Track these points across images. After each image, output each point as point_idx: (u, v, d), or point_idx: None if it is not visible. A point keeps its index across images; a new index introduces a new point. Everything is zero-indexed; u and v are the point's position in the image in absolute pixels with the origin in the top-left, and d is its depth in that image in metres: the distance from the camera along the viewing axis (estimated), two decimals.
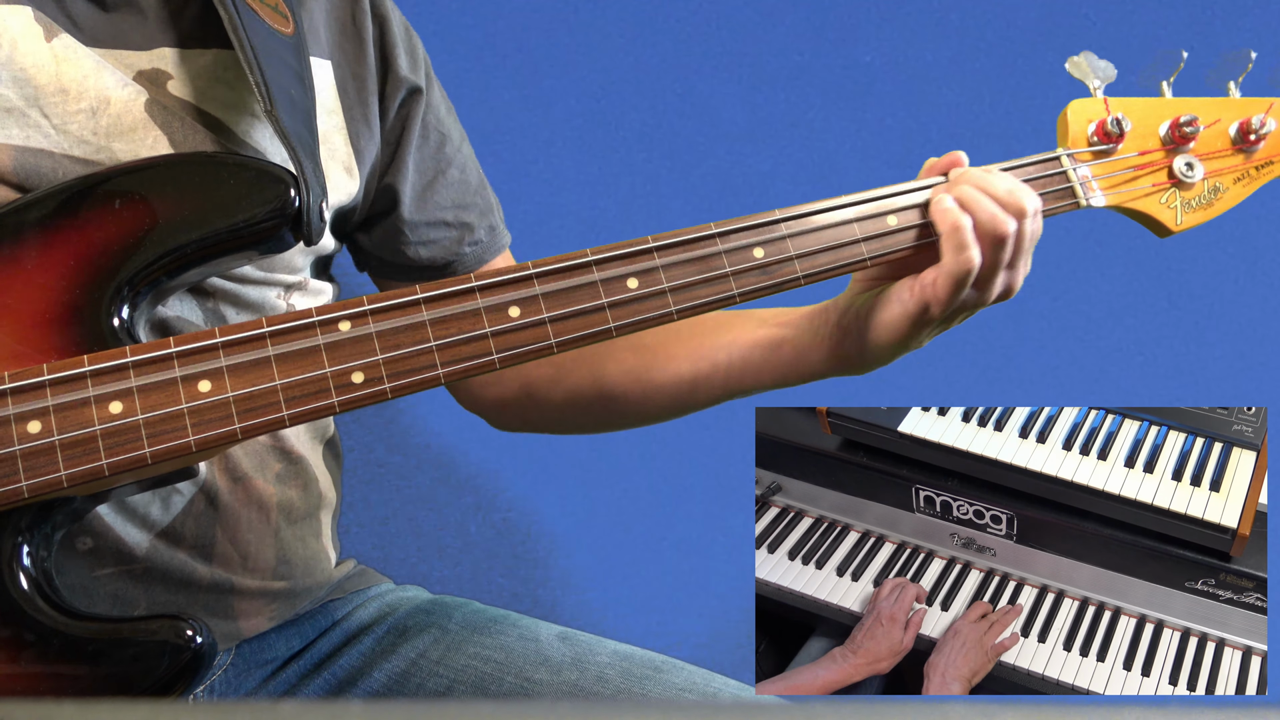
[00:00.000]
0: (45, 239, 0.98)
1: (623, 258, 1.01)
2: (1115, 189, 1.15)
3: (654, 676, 1.16)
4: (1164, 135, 1.17)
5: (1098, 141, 1.15)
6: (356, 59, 1.22)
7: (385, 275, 1.30)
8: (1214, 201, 1.18)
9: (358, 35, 1.23)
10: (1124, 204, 1.15)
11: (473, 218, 1.31)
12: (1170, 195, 1.16)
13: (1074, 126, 1.15)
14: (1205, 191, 1.17)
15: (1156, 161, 1.16)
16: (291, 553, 1.17)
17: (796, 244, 1.04)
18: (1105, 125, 1.14)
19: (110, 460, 0.91)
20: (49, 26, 1.05)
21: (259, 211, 0.99)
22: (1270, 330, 1.88)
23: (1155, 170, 1.16)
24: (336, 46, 1.21)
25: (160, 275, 0.99)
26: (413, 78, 1.26)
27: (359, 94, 1.22)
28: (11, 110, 1.02)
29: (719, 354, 1.19)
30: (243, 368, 0.94)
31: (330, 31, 1.21)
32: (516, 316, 0.98)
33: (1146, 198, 1.16)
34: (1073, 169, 1.13)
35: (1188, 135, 1.16)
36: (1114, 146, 1.15)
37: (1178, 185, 1.17)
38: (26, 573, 0.94)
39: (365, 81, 1.23)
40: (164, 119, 1.06)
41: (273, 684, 1.20)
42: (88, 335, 0.96)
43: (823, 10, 1.86)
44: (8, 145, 1.02)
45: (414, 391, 0.96)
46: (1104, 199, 1.14)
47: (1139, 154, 1.16)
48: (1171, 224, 1.16)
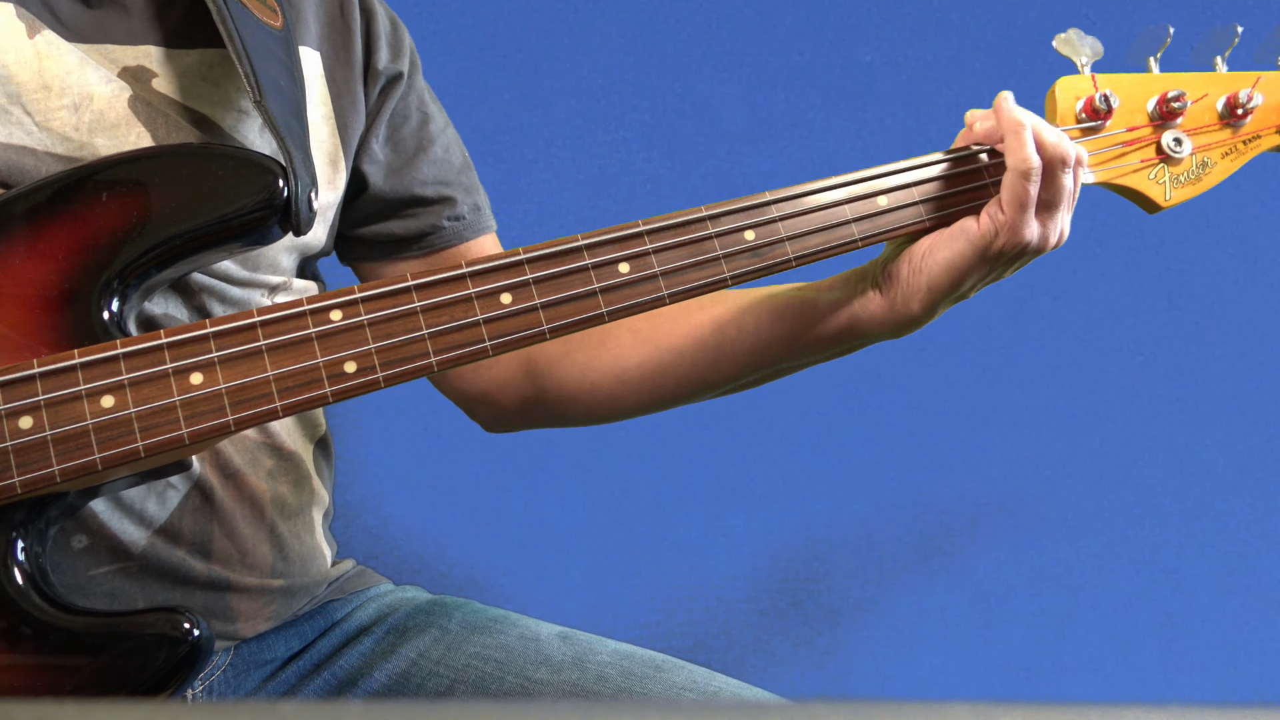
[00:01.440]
0: (33, 233, 0.97)
1: (614, 242, 1.01)
2: (1104, 165, 1.14)
3: (654, 675, 1.16)
4: (1152, 111, 1.16)
5: (1086, 118, 1.14)
6: (344, 50, 1.22)
7: (369, 259, 1.30)
8: (1202, 176, 1.17)
9: (346, 28, 1.23)
10: (1112, 180, 1.15)
11: (456, 194, 1.30)
12: (1159, 171, 1.16)
13: (1062, 103, 1.15)
14: (1194, 166, 1.17)
15: (1144, 137, 1.16)
16: (288, 548, 1.17)
17: (787, 225, 1.04)
18: (1093, 102, 1.14)
19: (103, 455, 0.91)
20: (31, 23, 1.05)
21: (247, 202, 0.99)
22: (1270, 330, 1.88)
23: (1143, 146, 1.16)
24: (325, 38, 1.21)
25: (150, 268, 0.98)
26: (394, 66, 1.26)
27: (348, 84, 1.22)
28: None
29: (743, 316, 1.18)
30: (235, 359, 0.94)
31: (319, 23, 1.21)
32: (509, 303, 0.98)
33: (1135, 174, 1.15)
34: None
35: (1175, 110, 1.15)
36: (1102, 123, 1.14)
37: (1166, 161, 1.16)
38: (21, 568, 0.93)
39: (353, 72, 1.23)
40: (148, 115, 1.06)
41: (272, 684, 1.19)
42: (78, 329, 0.95)
43: (823, 10, 1.86)
44: None
45: (407, 380, 0.96)
46: (1092, 176, 1.14)
47: (1127, 130, 1.15)
48: (1160, 199, 1.16)
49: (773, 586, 1.81)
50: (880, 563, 1.81)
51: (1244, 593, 1.82)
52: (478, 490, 1.77)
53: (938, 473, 1.83)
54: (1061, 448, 1.84)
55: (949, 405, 1.83)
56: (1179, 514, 1.83)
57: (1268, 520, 1.83)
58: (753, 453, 1.81)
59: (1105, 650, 1.82)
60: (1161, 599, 1.82)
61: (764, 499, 1.81)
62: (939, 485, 1.83)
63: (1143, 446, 1.84)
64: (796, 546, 1.81)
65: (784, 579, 1.81)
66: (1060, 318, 1.86)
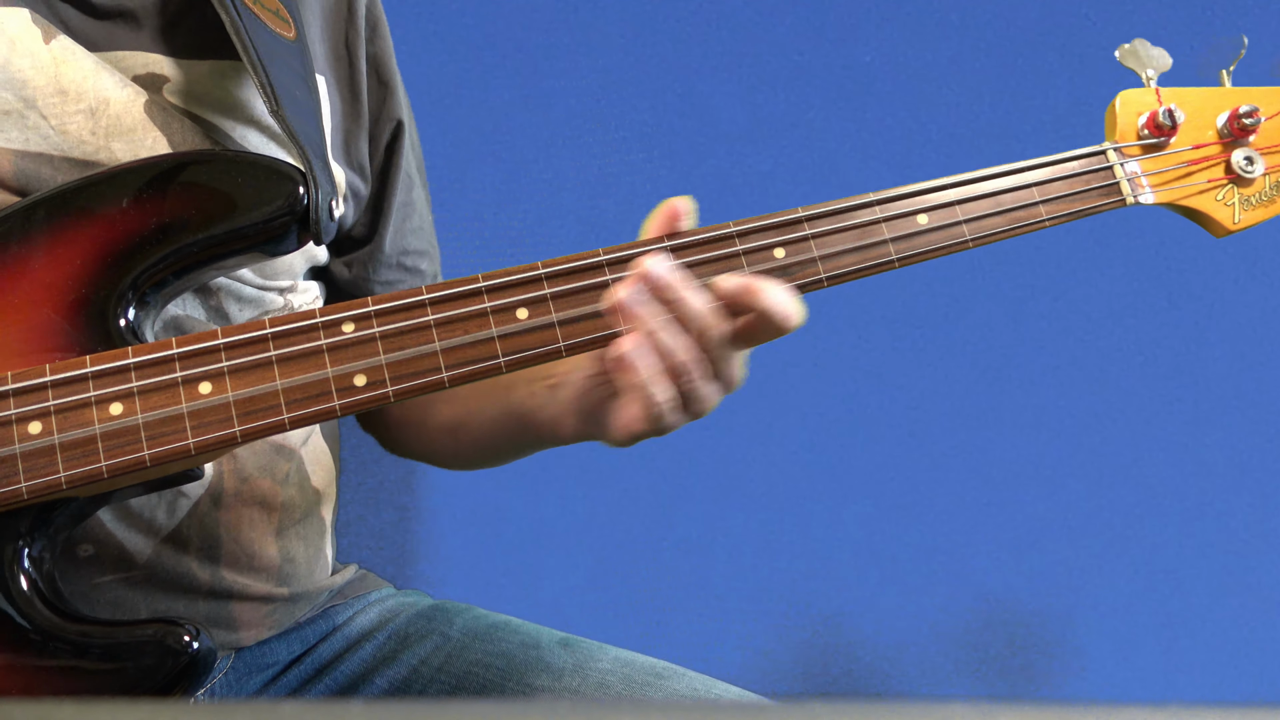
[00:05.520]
0: (52, 239, 0.97)
1: (635, 258, 0.97)
2: (1167, 185, 1.09)
3: (655, 683, 1.16)
4: (1221, 127, 1.10)
5: (1148, 135, 1.09)
6: (350, 80, 1.23)
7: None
8: (1276, 198, 1.11)
9: (349, 57, 1.23)
10: (1176, 201, 1.09)
11: (425, 264, 1.34)
12: (1227, 192, 1.10)
13: (1123, 119, 1.09)
14: (1267, 188, 1.11)
15: (1213, 156, 1.10)
16: (294, 552, 1.17)
17: (820, 244, 1.00)
18: (1157, 117, 1.08)
19: (109, 462, 0.91)
20: (47, 28, 1.04)
21: (268, 210, 0.98)
22: (1270, 330, 1.88)
23: (1211, 165, 1.10)
24: (330, 68, 1.22)
25: (167, 275, 0.98)
26: (399, 112, 1.28)
27: (354, 112, 1.22)
28: (10, 113, 1.02)
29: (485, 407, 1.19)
30: (244, 369, 0.93)
31: (325, 48, 1.21)
32: (524, 318, 0.96)
33: (1201, 195, 1.09)
34: (1120, 164, 1.07)
35: (1248, 128, 1.09)
36: (1166, 140, 1.09)
37: (1236, 181, 1.10)
38: (27, 575, 0.93)
39: (360, 103, 1.23)
40: (163, 120, 1.06)
41: (273, 689, 1.19)
42: (94, 335, 0.95)
43: (823, 10, 1.86)
44: (7, 149, 1.02)
45: (418, 395, 0.95)
46: (1153, 196, 1.08)
47: (1193, 147, 1.10)
48: (1229, 222, 1.10)
49: (773, 587, 1.81)
50: (881, 563, 1.81)
51: (1244, 593, 1.82)
52: (479, 494, 1.76)
53: (938, 472, 1.82)
54: (1061, 448, 1.83)
55: (949, 405, 1.82)
56: (1179, 514, 1.83)
57: (1268, 520, 1.83)
58: (753, 453, 1.81)
59: (1105, 650, 1.82)
60: (1161, 599, 1.82)
61: (765, 500, 1.81)
62: (939, 485, 1.82)
63: (1143, 446, 1.84)
64: (797, 548, 1.81)
65: (784, 580, 1.81)
66: (1060, 318, 1.86)
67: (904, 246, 1.01)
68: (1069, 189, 1.06)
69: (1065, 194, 1.06)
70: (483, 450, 1.24)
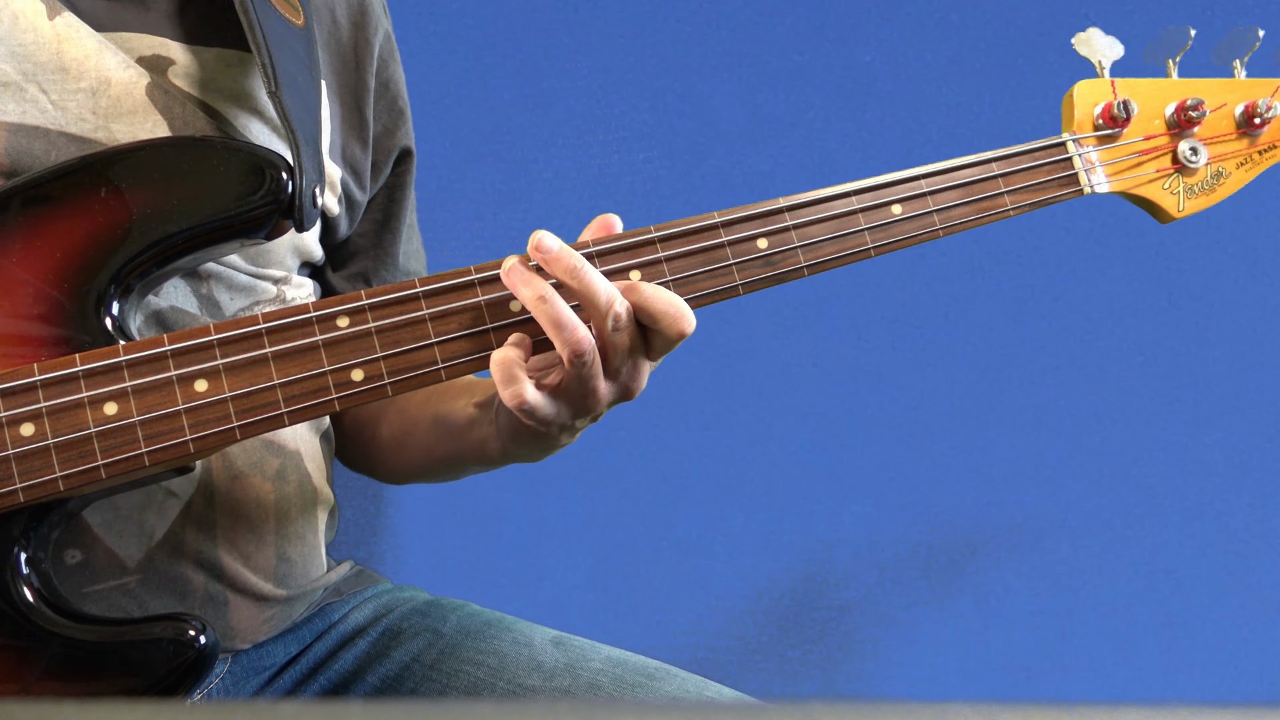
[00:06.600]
0: (29, 231, 0.95)
1: (624, 249, 0.99)
2: (1120, 175, 1.12)
3: (647, 684, 1.15)
4: (1169, 118, 1.13)
5: (1104, 125, 1.12)
6: (355, 90, 1.22)
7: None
8: (1216, 187, 1.15)
9: (357, 64, 1.23)
10: (1128, 190, 1.12)
11: None
12: (1173, 181, 1.13)
13: (1080, 109, 1.12)
14: (1208, 177, 1.14)
15: (1161, 146, 1.13)
16: (290, 551, 1.16)
17: (800, 234, 1.02)
18: (1112, 109, 1.11)
19: (107, 462, 0.90)
20: (52, 4, 1.04)
21: (250, 198, 0.97)
22: (1270, 330, 1.88)
23: (1159, 155, 1.13)
24: (333, 71, 1.21)
25: (150, 265, 0.96)
26: (407, 141, 1.29)
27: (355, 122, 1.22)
28: (8, 85, 1.01)
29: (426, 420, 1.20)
30: (240, 366, 0.93)
31: (328, 53, 1.21)
32: (518, 311, 0.97)
33: (1150, 184, 1.13)
34: (1077, 155, 1.10)
35: (1193, 120, 1.12)
36: (1119, 131, 1.12)
37: (1181, 170, 1.13)
38: (26, 577, 0.93)
39: (363, 116, 1.23)
40: (165, 103, 1.05)
41: (270, 690, 1.19)
42: (78, 330, 0.94)
43: (823, 10, 1.85)
44: (3, 122, 1.01)
45: (415, 388, 0.95)
46: (1109, 185, 1.11)
47: (1144, 138, 1.13)
48: (1174, 210, 1.13)
49: (773, 587, 1.81)
50: (882, 563, 1.81)
51: (1244, 593, 1.82)
52: (477, 491, 1.76)
53: (938, 473, 1.82)
54: (1061, 448, 1.83)
55: (949, 405, 1.82)
56: (1179, 514, 1.83)
57: (1268, 520, 1.83)
58: (753, 453, 1.81)
59: (1105, 650, 1.81)
60: (1161, 599, 1.82)
61: (765, 500, 1.81)
62: (940, 485, 1.82)
63: (1143, 446, 1.83)
64: (797, 548, 1.81)
65: (784, 580, 1.81)
66: (1060, 318, 1.85)
67: (880, 236, 1.04)
68: (1031, 179, 1.09)
69: (1027, 184, 1.08)
70: (421, 465, 1.26)
